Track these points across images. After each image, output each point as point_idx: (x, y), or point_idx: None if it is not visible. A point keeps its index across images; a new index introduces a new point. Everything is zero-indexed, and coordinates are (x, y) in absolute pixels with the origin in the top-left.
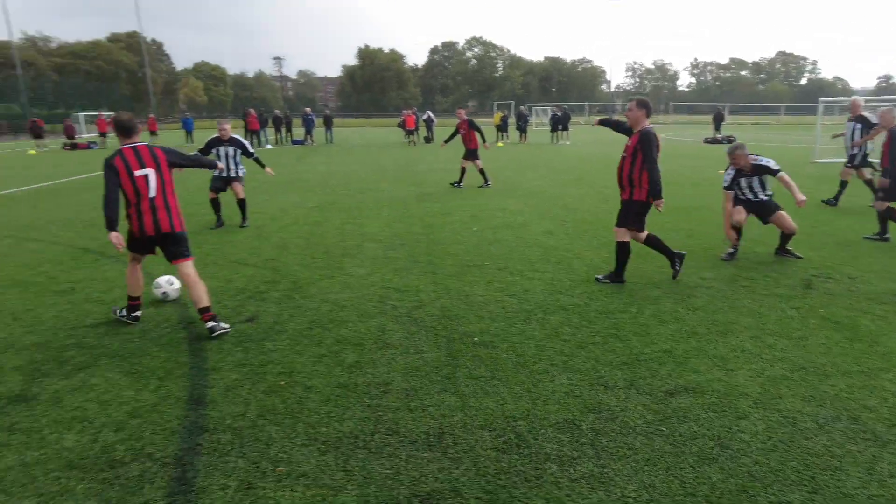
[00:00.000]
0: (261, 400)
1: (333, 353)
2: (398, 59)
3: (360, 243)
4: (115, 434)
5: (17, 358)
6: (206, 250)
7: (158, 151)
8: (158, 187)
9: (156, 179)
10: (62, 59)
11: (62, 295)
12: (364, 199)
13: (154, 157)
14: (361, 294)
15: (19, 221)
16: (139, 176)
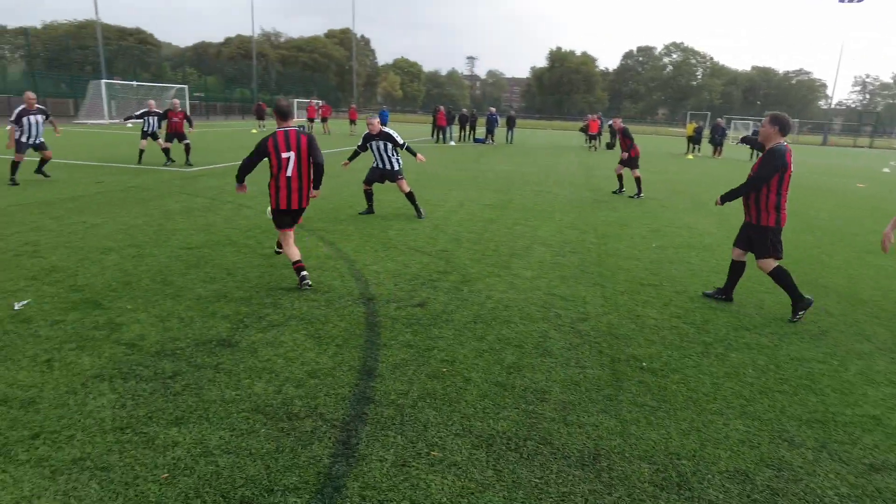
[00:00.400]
0: (423, 382)
1: (494, 351)
2: (589, 62)
3: (529, 245)
4: (295, 389)
5: (227, 308)
6: (391, 235)
7: (303, 139)
8: (295, 169)
9: (294, 162)
10: (287, 52)
11: (266, 258)
12: (538, 201)
13: (298, 142)
14: (526, 297)
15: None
16: (284, 157)
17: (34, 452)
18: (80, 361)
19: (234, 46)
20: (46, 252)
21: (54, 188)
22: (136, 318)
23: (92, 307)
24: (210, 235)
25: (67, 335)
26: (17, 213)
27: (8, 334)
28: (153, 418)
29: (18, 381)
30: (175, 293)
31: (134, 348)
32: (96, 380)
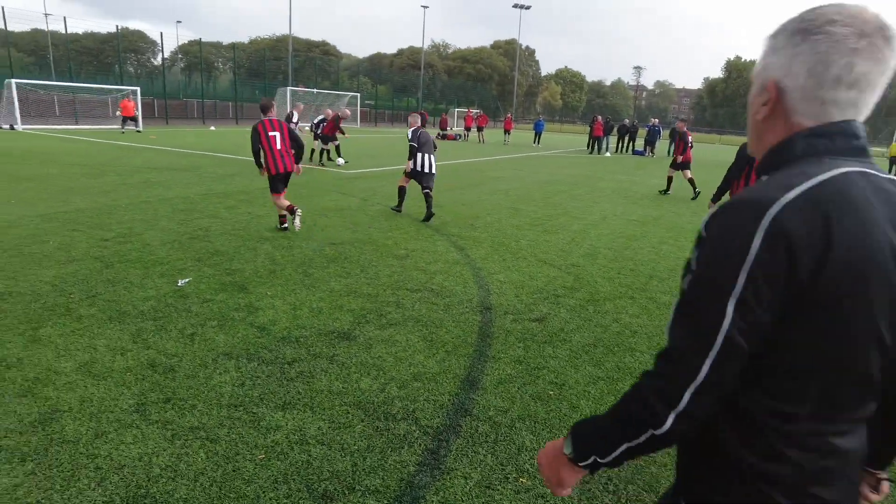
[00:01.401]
0: (526, 403)
1: (611, 380)
2: None
3: (674, 267)
4: (398, 390)
5: (353, 302)
6: (522, 245)
7: (284, 123)
8: (280, 143)
9: (279, 139)
10: (453, 63)
11: (398, 259)
12: (693, 219)
13: (279, 125)
14: (660, 324)
15: (389, 192)
16: (271, 135)
17: (163, 415)
18: (217, 338)
19: (405, 57)
20: (214, 237)
21: (232, 182)
22: (273, 303)
23: (238, 290)
24: (354, 233)
25: (212, 313)
26: (200, 202)
27: (168, 307)
28: (264, 400)
29: (166, 349)
30: (311, 284)
31: (264, 332)
32: (225, 357)
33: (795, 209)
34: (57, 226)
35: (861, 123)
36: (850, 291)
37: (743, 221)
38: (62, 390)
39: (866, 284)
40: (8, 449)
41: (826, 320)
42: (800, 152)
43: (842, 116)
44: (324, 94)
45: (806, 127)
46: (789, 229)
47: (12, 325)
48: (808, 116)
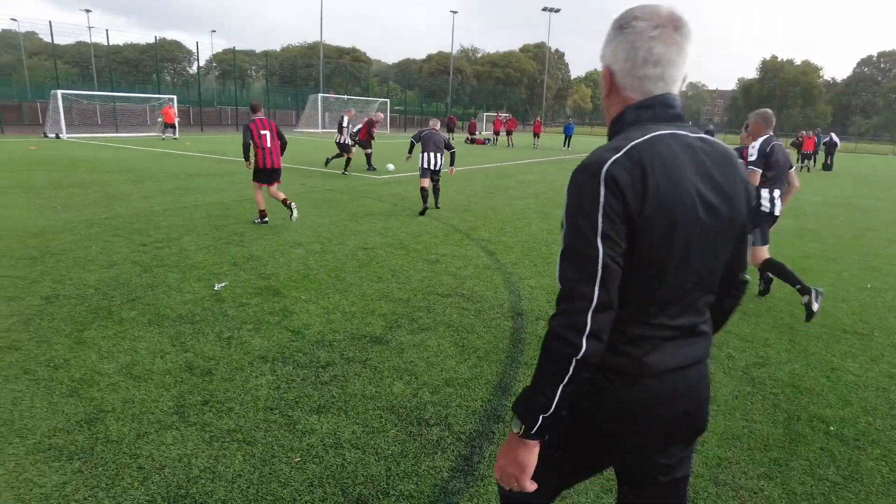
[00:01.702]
0: None
1: None
2: (811, 71)
3: None
4: (430, 395)
5: (385, 306)
6: (554, 250)
7: (273, 123)
8: (272, 140)
9: (269, 137)
10: (482, 67)
11: (429, 263)
12: None
13: (270, 125)
14: None
15: (419, 197)
16: (262, 134)
17: (201, 417)
18: (252, 342)
19: (434, 62)
20: (249, 242)
21: None
22: (307, 307)
23: (273, 294)
24: (385, 238)
25: (248, 317)
26: (236, 208)
27: (205, 311)
28: (299, 403)
29: (204, 352)
30: (344, 288)
31: (298, 335)
32: (260, 360)
33: (620, 165)
34: (99, 231)
35: (676, 95)
36: (660, 223)
37: (589, 180)
38: (106, 391)
39: (674, 215)
40: (57, 447)
41: (648, 243)
42: (629, 121)
43: (657, 90)
44: (354, 100)
45: (634, 101)
46: (619, 179)
47: (59, 327)
48: (633, 91)
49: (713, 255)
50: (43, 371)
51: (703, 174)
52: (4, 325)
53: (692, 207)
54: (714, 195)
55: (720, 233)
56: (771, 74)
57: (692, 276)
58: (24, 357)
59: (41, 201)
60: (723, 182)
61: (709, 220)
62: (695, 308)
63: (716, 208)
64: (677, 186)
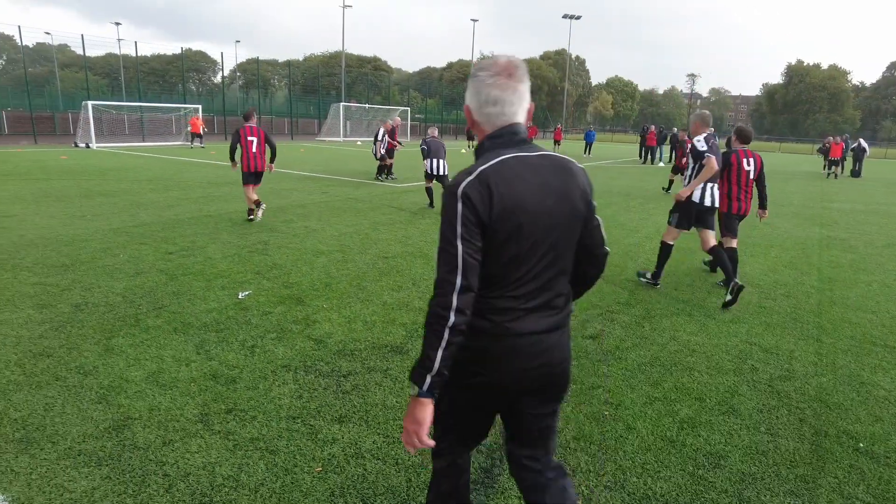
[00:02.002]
0: (580, 423)
1: (668, 401)
2: (839, 76)
3: None
4: None
5: (405, 316)
6: None
7: (261, 130)
8: (257, 147)
9: (256, 143)
10: None
11: None
12: (752, 233)
13: (257, 132)
14: (718, 342)
15: (439, 205)
16: (249, 140)
17: (225, 425)
18: (276, 351)
19: (454, 70)
20: (273, 251)
21: (290, 196)
22: (329, 316)
23: (295, 303)
24: (406, 247)
25: (271, 325)
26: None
27: (229, 319)
28: (321, 412)
29: (228, 361)
30: (365, 297)
31: (320, 344)
32: (284, 369)
33: (472, 186)
34: (126, 239)
35: (520, 123)
36: (507, 225)
37: (451, 199)
38: (133, 398)
39: (519, 219)
40: (86, 453)
41: (501, 240)
42: (486, 148)
43: (501, 123)
44: (375, 108)
45: (488, 132)
46: (471, 196)
47: (89, 334)
48: (486, 125)
49: (558, 244)
50: (73, 377)
51: (540, 184)
52: (38, 332)
53: (533, 211)
54: (551, 198)
55: (562, 226)
56: (797, 79)
57: (543, 262)
58: (55, 363)
59: (72, 210)
60: (558, 186)
61: (549, 219)
62: (550, 287)
63: (553, 208)
64: (518, 197)
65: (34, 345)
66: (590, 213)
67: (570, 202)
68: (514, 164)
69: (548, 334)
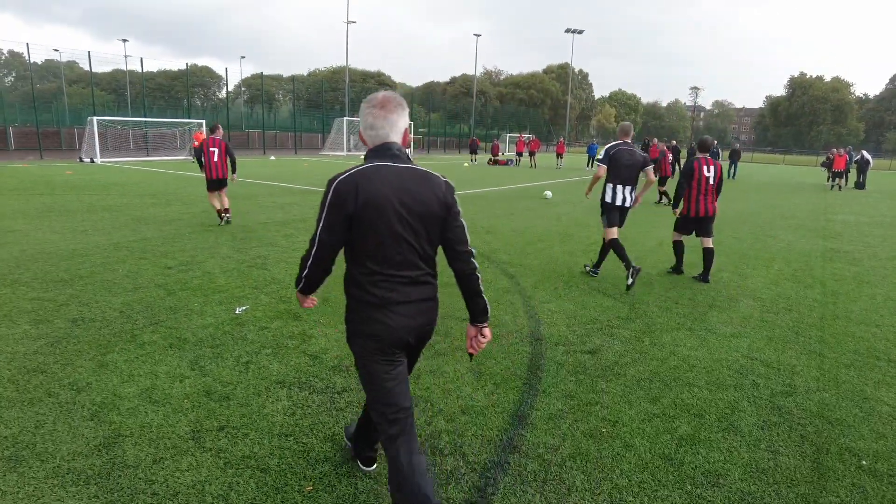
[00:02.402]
0: (577, 440)
1: (667, 417)
2: (842, 87)
3: (733, 296)
4: (445, 423)
5: None
6: (575, 272)
7: (223, 143)
8: (218, 157)
9: (217, 153)
10: (505, 89)
11: (447, 287)
12: (755, 246)
13: (219, 143)
14: (719, 357)
15: None
16: (211, 150)
17: (217, 443)
18: (271, 367)
19: (457, 85)
20: (271, 265)
21: (291, 211)
22: (325, 332)
23: (292, 318)
24: None
25: (267, 341)
26: (259, 230)
27: (225, 335)
28: (314, 430)
29: (222, 377)
30: None
31: (315, 360)
32: (278, 386)
33: (344, 180)
34: (126, 254)
35: (393, 142)
36: (370, 214)
37: (328, 187)
38: (125, 415)
39: (378, 211)
40: (75, 471)
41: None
42: (367, 157)
43: (377, 142)
44: None
45: (370, 147)
46: (340, 189)
47: (84, 350)
48: (369, 142)
49: (415, 235)
50: (66, 394)
51: (399, 187)
52: (33, 348)
53: (391, 207)
54: (409, 199)
55: (417, 222)
56: (800, 91)
57: (404, 246)
58: (49, 379)
59: (74, 225)
60: (417, 191)
61: (407, 215)
62: (413, 265)
63: (411, 207)
64: (379, 195)
65: (29, 361)
66: (449, 215)
67: (426, 205)
68: (382, 171)
69: (417, 303)
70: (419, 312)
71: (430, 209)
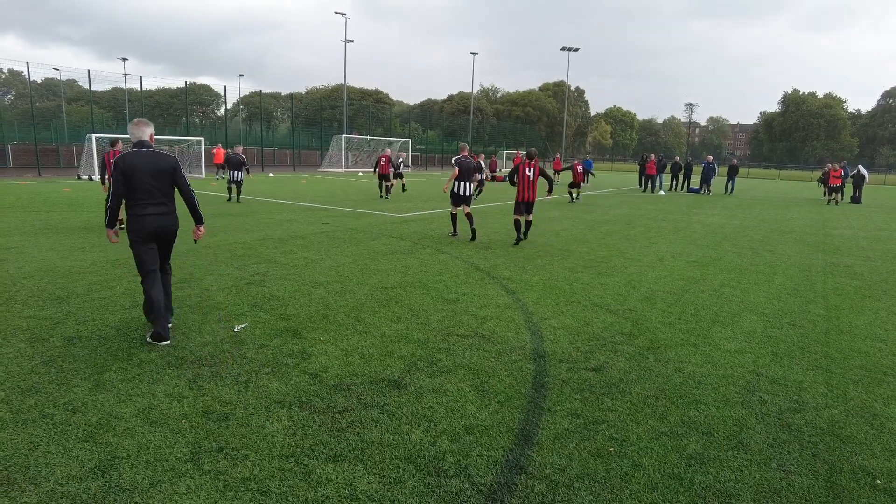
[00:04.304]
0: (585, 460)
1: (675, 435)
2: (836, 104)
3: (737, 312)
4: (450, 444)
5: (404, 348)
6: (576, 288)
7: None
8: None
9: None
10: (501, 106)
11: (449, 303)
12: (756, 260)
13: None
14: (725, 374)
15: (446, 235)
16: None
17: (216, 464)
18: (270, 386)
19: (455, 103)
20: (270, 282)
21: (291, 227)
22: (325, 349)
23: (292, 335)
24: (405, 277)
25: (266, 359)
26: (258, 247)
27: (224, 353)
28: (315, 451)
29: (220, 397)
30: (363, 329)
31: (316, 379)
32: (277, 405)
33: (122, 157)
34: (125, 271)
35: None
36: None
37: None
38: (122, 436)
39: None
40: (69, 496)
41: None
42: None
43: (135, 140)
44: (377, 140)
45: (133, 143)
46: (118, 162)
47: (80, 369)
48: (132, 140)
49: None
50: (61, 415)
51: (146, 161)
52: (27, 367)
53: (142, 170)
54: (150, 166)
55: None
56: (793, 107)
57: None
58: (43, 400)
59: (71, 242)
60: (154, 161)
61: (151, 172)
62: (157, 199)
63: (152, 169)
64: (135, 164)
65: (23, 380)
66: (175, 172)
67: (160, 168)
68: (138, 153)
69: (160, 216)
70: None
71: (163, 170)
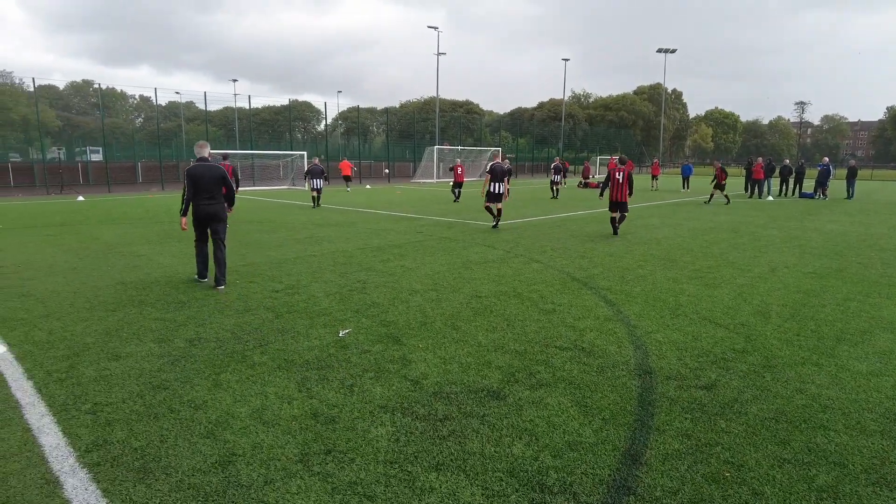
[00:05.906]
0: (698, 484)
1: (800, 463)
2: None
3: (867, 329)
4: (553, 459)
5: (501, 359)
6: (682, 301)
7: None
8: None
9: None
10: (594, 112)
11: (545, 313)
12: (887, 272)
13: None
14: (858, 398)
15: (539, 244)
16: None
17: (324, 467)
18: (374, 390)
19: (545, 110)
20: (371, 289)
21: (386, 237)
22: (424, 357)
23: (393, 342)
24: (499, 286)
25: (369, 364)
26: (358, 256)
27: (330, 357)
28: (418, 458)
29: (328, 399)
30: (460, 338)
31: (416, 385)
32: (381, 410)
33: (192, 167)
34: (236, 277)
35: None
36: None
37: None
38: (238, 434)
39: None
40: (195, 487)
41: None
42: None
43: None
44: (467, 150)
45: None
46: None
47: (200, 369)
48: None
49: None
50: (185, 411)
51: (206, 171)
52: (157, 365)
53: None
54: (207, 174)
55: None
56: None
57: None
58: (170, 396)
59: (189, 250)
60: (211, 172)
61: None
62: (211, 194)
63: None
64: (200, 173)
65: (153, 377)
66: (224, 179)
67: (214, 176)
68: (199, 166)
69: (209, 206)
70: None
71: (216, 177)
